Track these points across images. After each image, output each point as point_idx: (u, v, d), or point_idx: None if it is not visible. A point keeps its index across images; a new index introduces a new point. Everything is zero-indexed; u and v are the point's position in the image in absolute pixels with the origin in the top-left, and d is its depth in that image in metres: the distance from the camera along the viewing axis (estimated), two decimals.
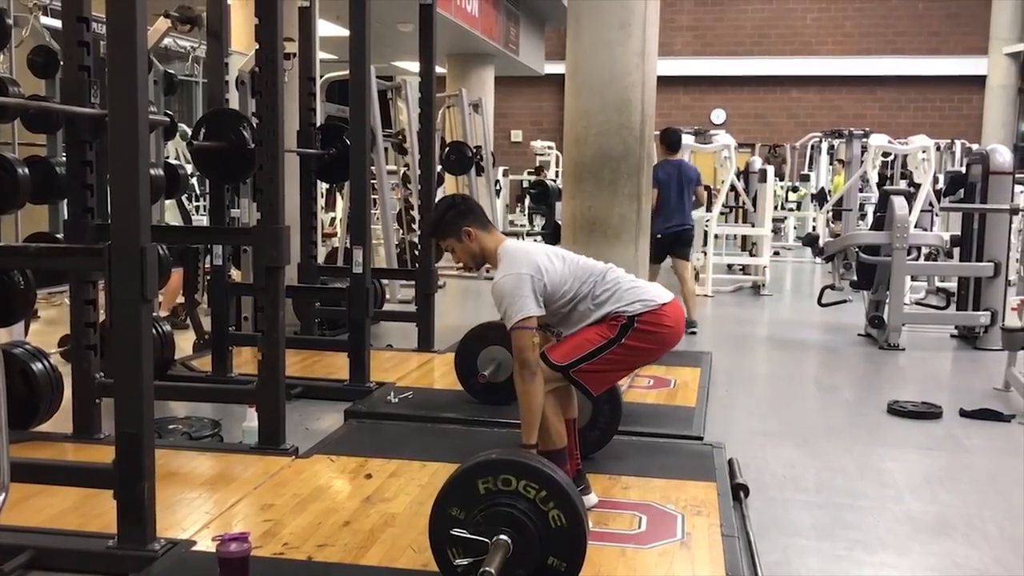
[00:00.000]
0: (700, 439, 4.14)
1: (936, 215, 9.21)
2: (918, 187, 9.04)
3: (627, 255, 5.33)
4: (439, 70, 9.39)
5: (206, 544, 2.81)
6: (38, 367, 3.85)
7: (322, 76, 7.02)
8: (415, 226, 7.83)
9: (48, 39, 5.80)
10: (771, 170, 10.72)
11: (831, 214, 12.16)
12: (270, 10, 3.75)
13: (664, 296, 3.21)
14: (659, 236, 6.78)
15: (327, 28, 8.65)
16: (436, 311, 6.19)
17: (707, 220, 9.65)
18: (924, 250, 7.31)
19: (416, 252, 7.40)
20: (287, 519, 3.07)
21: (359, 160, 5.02)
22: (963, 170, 8.10)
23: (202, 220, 7.98)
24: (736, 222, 12.59)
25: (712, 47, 19.53)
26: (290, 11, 5.40)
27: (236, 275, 5.87)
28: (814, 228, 13.40)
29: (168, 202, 6.56)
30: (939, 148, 12.18)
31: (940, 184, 9.70)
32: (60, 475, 3.11)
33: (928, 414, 4.81)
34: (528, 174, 16.28)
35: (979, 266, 6.78)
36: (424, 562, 2.65)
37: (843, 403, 5.32)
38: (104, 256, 2.68)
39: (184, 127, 7.45)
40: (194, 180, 7.70)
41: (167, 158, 6.27)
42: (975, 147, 10.95)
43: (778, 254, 13.46)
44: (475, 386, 4.53)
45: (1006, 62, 18.19)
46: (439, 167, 9.14)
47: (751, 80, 19.34)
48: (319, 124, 5.90)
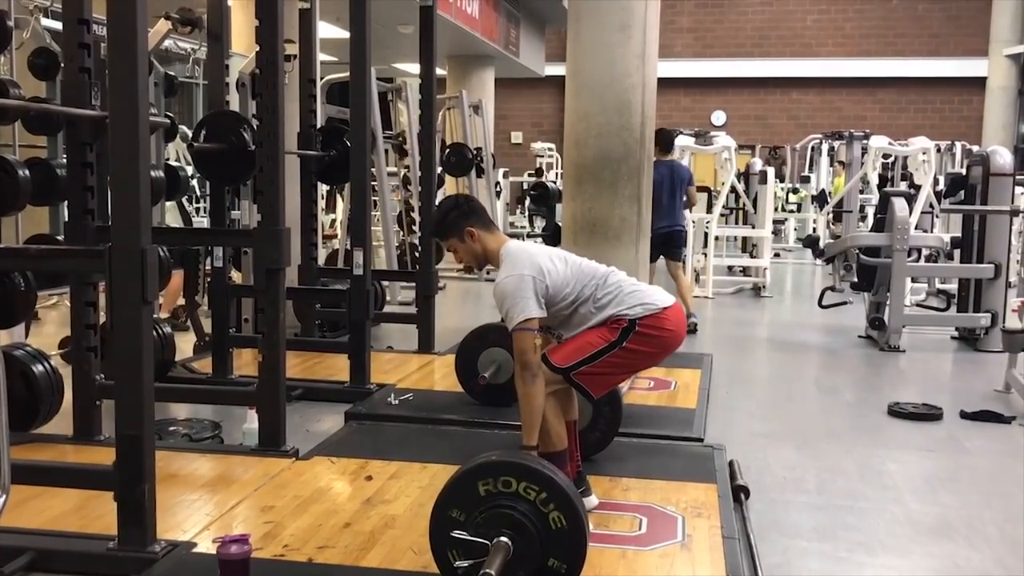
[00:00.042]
0: (700, 441, 4.13)
1: (936, 217, 9.20)
2: (918, 189, 9.03)
3: (628, 257, 5.33)
4: (439, 72, 9.40)
5: (206, 546, 2.82)
6: (39, 369, 3.85)
7: (322, 78, 7.02)
8: (415, 228, 7.83)
9: (49, 41, 5.80)
10: (771, 172, 10.72)
11: (831, 216, 12.16)
12: (270, 12, 3.75)
13: (666, 300, 3.20)
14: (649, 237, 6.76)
15: (327, 30, 8.67)
16: (436, 313, 6.19)
17: (708, 222, 9.65)
18: (924, 252, 7.30)
19: (416, 254, 7.39)
20: (287, 521, 3.08)
21: (359, 162, 5.03)
22: (963, 172, 8.10)
23: (203, 222, 7.98)
24: (736, 224, 12.57)
25: (712, 49, 19.52)
26: (290, 13, 5.40)
27: (237, 277, 5.87)
28: (814, 230, 13.41)
29: (169, 204, 6.56)
30: (939, 150, 12.16)
31: (940, 186, 9.70)
32: (60, 477, 3.11)
33: (929, 416, 4.81)
34: (528, 176, 16.29)
35: (979, 268, 6.78)
36: (424, 564, 2.65)
37: (844, 405, 5.31)
38: (105, 258, 2.68)
39: (185, 129, 7.44)
40: (194, 182, 7.70)
41: (168, 160, 6.28)
42: (975, 149, 10.94)
43: (778, 256, 13.45)
44: (475, 388, 4.53)
45: (1006, 64, 18.19)
46: (439, 169, 9.15)
47: (751, 82, 19.34)
48: (319, 126, 5.91)
